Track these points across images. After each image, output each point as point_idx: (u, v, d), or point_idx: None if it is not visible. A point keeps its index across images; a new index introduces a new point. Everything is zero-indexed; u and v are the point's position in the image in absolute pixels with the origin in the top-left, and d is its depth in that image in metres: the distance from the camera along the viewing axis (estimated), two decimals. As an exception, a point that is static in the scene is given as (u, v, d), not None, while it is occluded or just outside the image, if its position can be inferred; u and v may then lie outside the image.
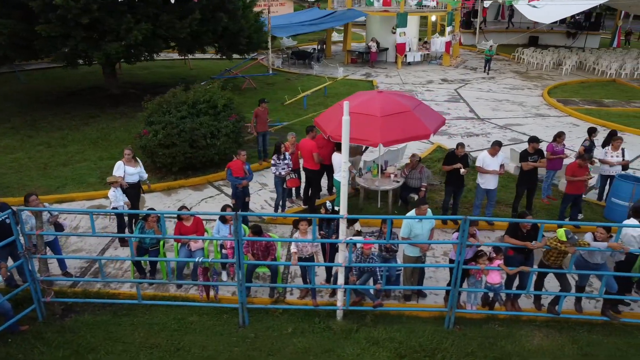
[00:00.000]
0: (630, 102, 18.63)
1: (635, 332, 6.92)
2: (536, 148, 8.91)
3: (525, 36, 33.94)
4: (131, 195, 8.77)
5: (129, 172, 8.78)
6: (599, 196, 10.52)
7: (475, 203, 9.25)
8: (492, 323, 7.08)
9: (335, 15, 24.61)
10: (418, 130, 8.39)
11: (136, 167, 8.92)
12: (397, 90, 20.02)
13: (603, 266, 6.82)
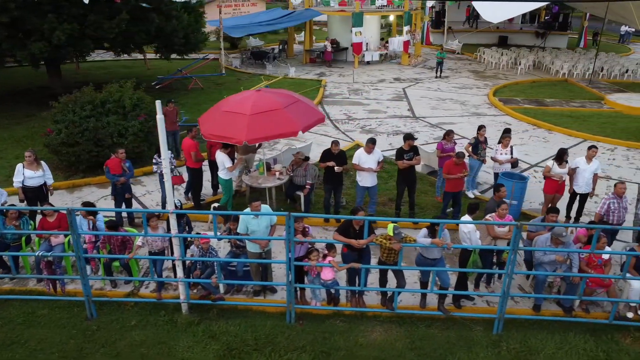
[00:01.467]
0: (569, 102, 18.69)
1: (473, 325, 7.02)
2: (411, 145, 9.00)
3: (495, 36, 34.06)
4: (29, 199, 8.73)
5: (28, 175, 8.64)
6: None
7: (357, 201, 9.36)
8: (335, 319, 7.19)
9: (293, 15, 24.74)
10: (286, 127, 8.51)
11: (37, 171, 8.74)
12: (347, 88, 20.19)
13: (440, 261, 6.93)
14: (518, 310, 7.30)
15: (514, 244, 6.30)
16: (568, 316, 7.11)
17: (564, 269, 7.03)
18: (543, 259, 7.06)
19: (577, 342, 6.68)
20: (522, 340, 6.73)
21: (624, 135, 14.81)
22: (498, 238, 7.22)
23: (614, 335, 6.83)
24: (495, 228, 7.14)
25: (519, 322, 7.09)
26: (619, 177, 11.90)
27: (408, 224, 9.06)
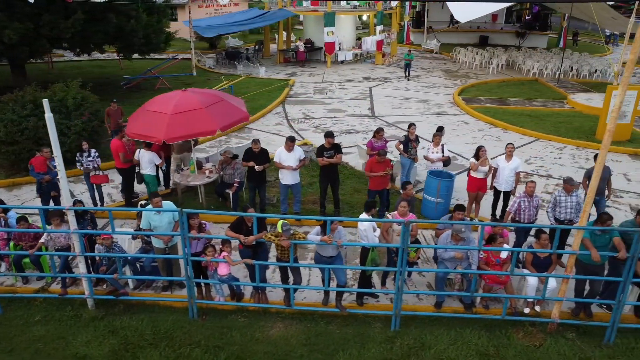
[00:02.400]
0: (532, 101, 18.74)
1: (372, 322, 7.10)
2: (332, 143, 9.08)
3: (476, 36, 34.11)
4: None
5: None
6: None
7: (280, 198, 9.45)
8: (238, 314, 7.27)
9: (266, 15, 24.83)
10: (204, 126, 8.62)
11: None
12: (313, 88, 20.27)
13: (337, 259, 7.01)
14: (418, 307, 7.37)
15: (403, 242, 6.39)
16: (468, 313, 7.19)
17: (464, 266, 7.11)
18: (443, 256, 7.13)
19: (471, 338, 6.76)
20: (417, 337, 6.80)
21: (575, 134, 14.85)
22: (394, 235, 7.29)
23: (508, 330, 6.91)
24: (390, 226, 7.23)
25: (420, 319, 7.16)
26: (559, 176, 11.96)
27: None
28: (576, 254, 6.53)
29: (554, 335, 6.83)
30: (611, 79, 21.33)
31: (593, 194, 6.27)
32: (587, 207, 6.32)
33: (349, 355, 6.51)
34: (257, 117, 16.20)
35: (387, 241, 7.12)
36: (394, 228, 7.20)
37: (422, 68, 25.16)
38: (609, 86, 14.33)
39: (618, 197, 11.02)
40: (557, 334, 6.86)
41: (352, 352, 6.55)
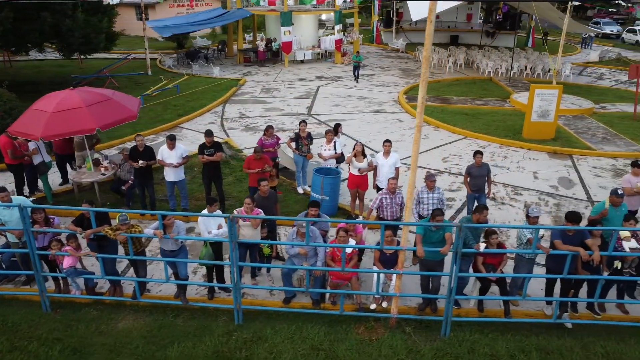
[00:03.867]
0: (475, 100, 18.79)
1: (220, 315, 7.19)
2: (212, 142, 9.20)
3: (447, 35, 34.14)
4: None
5: None
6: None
7: (167, 195, 9.59)
8: (93, 307, 7.39)
9: (225, 15, 24.96)
10: (83, 125, 8.76)
11: None
12: (261, 87, 20.41)
13: (180, 253, 7.14)
14: (266, 302, 7.48)
15: (231, 236, 6.50)
16: (316, 308, 7.28)
17: (311, 263, 7.21)
18: (289, 252, 7.24)
19: (310, 333, 6.84)
20: (257, 331, 6.91)
21: (503, 133, 14.91)
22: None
23: (350, 325, 7.01)
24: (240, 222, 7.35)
25: (268, 314, 7.28)
26: (469, 174, 12.04)
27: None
28: (404, 250, 6.62)
29: (394, 330, 6.92)
30: (550, 77, 21.42)
31: (412, 189, 6.35)
32: (409, 202, 6.41)
33: (183, 347, 6.62)
34: (192, 116, 16.33)
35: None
36: (240, 223, 7.32)
37: (381, 67, 25.26)
38: (532, 85, 14.37)
39: (517, 194, 11.09)
40: (398, 328, 6.96)
41: (187, 345, 6.66)
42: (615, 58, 28.00)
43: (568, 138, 14.66)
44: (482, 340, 6.75)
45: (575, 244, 6.55)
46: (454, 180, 11.74)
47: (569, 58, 29.45)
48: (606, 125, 15.82)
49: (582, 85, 21.85)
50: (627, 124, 16.07)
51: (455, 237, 6.30)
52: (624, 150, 13.66)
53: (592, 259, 6.36)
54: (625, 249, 6.77)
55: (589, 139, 14.57)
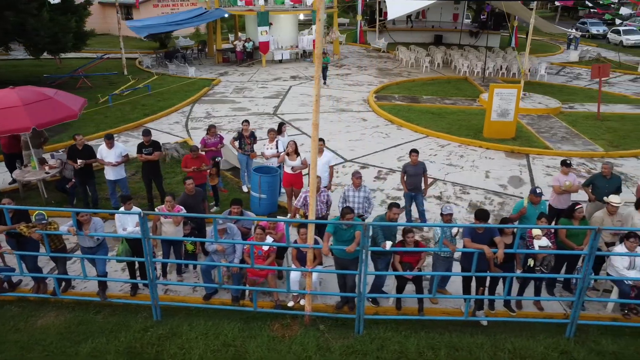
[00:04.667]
0: (444, 99, 18.82)
1: (141, 311, 7.24)
2: (150, 141, 9.27)
3: (431, 35, 34.17)
4: None
5: None
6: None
7: (109, 193, 9.67)
8: (15, 305, 7.43)
9: (203, 15, 25.04)
10: (18, 123, 8.83)
11: None
12: (234, 87, 20.49)
13: (99, 250, 7.22)
14: (187, 298, 7.53)
15: (143, 233, 6.56)
16: (235, 305, 7.34)
17: (229, 260, 7.26)
18: (209, 249, 7.30)
19: (224, 329, 6.90)
20: (173, 327, 6.97)
21: (465, 132, 14.94)
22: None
23: (266, 322, 7.06)
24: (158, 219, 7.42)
25: (188, 310, 7.33)
26: (420, 173, 12.09)
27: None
28: (310, 247, 6.67)
29: (308, 328, 6.97)
30: (518, 76, 21.45)
31: (314, 187, 6.41)
32: (312, 199, 6.46)
33: (96, 343, 6.69)
34: (158, 116, 16.40)
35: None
36: (161, 220, 7.39)
37: (359, 66, 25.32)
38: (491, 84, 14.40)
39: (465, 193, 11.13)
40: (313, 326, 7.01)
41: (101, 341, 6.72)
42: (595, 58, 27.97)
43: (528, 137, 14.68)
44: (394, 337, 6.80)
45: (485, 241, 6.59)
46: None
47: (551, 58, 29.48)
48: (569, 125, 15.83)
49: (555, 85, 21.85)
50: (590, 123, 16.08)
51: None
52: (581, 150, 13.68)
53: (497, 256, 6.40)
54: (535, 247, 6.81)
55: (548, 138, 14.59)
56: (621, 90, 21.11)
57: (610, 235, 7.40)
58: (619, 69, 25.88)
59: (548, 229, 7.00)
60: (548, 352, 6.57)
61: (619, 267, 7.06)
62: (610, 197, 7.40)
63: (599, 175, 8.75)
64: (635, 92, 20.85)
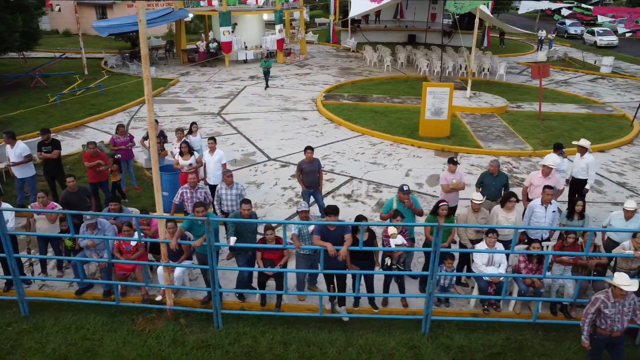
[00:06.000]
0: (394, 98, 18.88)
1: (45, 307, 7.38)
2: (48, 139, 9.40)
3: (405, 35, 34.19)
4: None
5: None
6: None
7: (17, 189, 9.78)
8: None
9: (167, 15, 25.14)
10: None
11: None
12: (189, 88, 20.62)
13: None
14: (62, 293, 7.63)
15: (1, 229, 6.69)
16: (106, 299, 7.45)
17: (101, 255, 7.39)
18: (81, 244, 7.43)
19: (88, 323, 7.00)
20: (39, 322, 7.05)
21: (401, 130, 15.03)
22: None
23: (132, 316, 7.16)
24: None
25: (60, 305, 7.42)
26: (341, 171, 12.18)
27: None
28: (161, 242, 6.79)
29: (171, 322, 7.08)
30: (458, 74, 21.50)
31: (158, 185, 6.52)
32: (157, 195, 6.56)
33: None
34: (103, 115, 16.52)
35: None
36: (35, 217, 7.52)
37: (322, 66, 25.41)
38: (424, 83, 14.47)
39: (377, 191, 11.21)
40: (176, 320, 7.12)
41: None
42: (561, 58, 27.97)
43: (463, 136, 14.74)
44: (251, 332, 6.91)
45: (337, 239, 6.66)
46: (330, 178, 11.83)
47: (520, 57, 29.50)
48: (509, 124, 15.88)
49: (513, 84, 21.88)
50: (530, 122, 16.12)
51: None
52: (510, 149, 13.74)
53: (339, 253, 6.46)
54: (391, 245, 6.90)
55: (483, 137, 14.65)
56: (576, 91, 21.13)
57: (474, 233, 7.47)
58: (582, 69, 25.91)
59: (403, 227, 7.09)
60: (398, 348, 6.66)
61: (478, 264, 7.15)
62: (473, 195, 7.48)
63: (487, 173, 8.84)
64: (588, 92, 20.88)
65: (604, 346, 5.52)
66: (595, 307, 5.31)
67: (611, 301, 5.23)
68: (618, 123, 16.33)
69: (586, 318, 5.42)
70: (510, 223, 7.42)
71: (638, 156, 13.59)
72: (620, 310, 5.25)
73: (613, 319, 5.27)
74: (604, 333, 5.39)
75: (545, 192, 7.62)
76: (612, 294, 5.22)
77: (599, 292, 5.40)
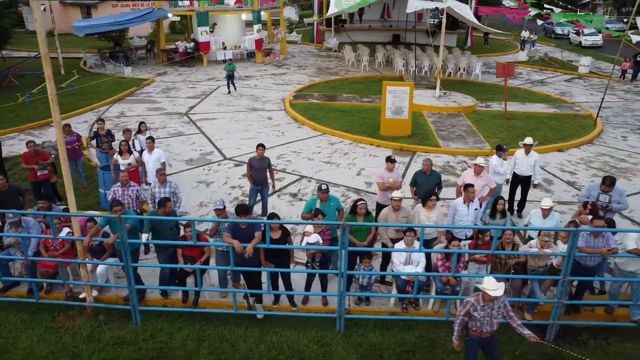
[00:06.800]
0: (363, 97, 18.91)
1: None
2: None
3: (390, 34, 34.20)
4: None
5: None
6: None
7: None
8: None
9: (145, 15, 25.23)
10: None
11: None
12: (163, 88, 20.71)
13: None
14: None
15: None
16: (30, 297, 7.52)
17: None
18: (5, 242, 7.50)
19: (7, 321, 7.08)
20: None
21: (362, 129, 15.07)
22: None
23: (53, 313, 7.23)
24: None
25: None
26: (293, 170, 12.24)
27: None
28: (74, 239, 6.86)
29: (90, 319, 7.15)
30: (434, 73, 21.53)
31: (69, 183, 6.59)
32: (69, 193, 6.63)
33: None
34: (70, 115, 16.58)
35: None
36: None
37: (300, 65, 25.47)
38: (384, 82, 14.50)
39: (325, 190, 11.24)
40: (95, 317, 7.18)
41: None
42: (541, 58, 27.97)
43: (425, 135, 14.78)
44: (167, 329, 6.97)
45: (248, 236, 6.70)
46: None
47: (503, 57, 29.49)
48: (473, 124, 15.92)
49: (487, 84, 21.87)
50: (494, 122, 16.16)
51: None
52: (468, 148, 13.77)
53: (246, 251, 6.50)
54: (304, 243, 6.94)
55: (444, 136, 14.69)
56: (551, 91, 21.13)
57: (394, 232, 7.51)
58: (561, 68, 25.90)
59: (325, 226, 7.14)
60: (309, 345, 6.71)
61: (395, 263, 7.19)
62: (392, 193, 7.52)
63: (420, 172, 8.88)
64: (562, 92, 20.89)
65: (476, 346, 5.59)
66: (465, 309, 5.37)
67: (480, 304, 5.29)
68: (582, 123, 16.35)
69: (457, 320, 5.49)
70: (431, 222, 7.46)
71: (595, 156, 13.62)
72: (489, 314, 5.31)
73: (482, 321, 5.34)
74: (474, 335, 5.47)
75: (467, 190, 7.68)
76: (481, 298, 5.28)
77: (471, 295, 5.47)
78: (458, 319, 5.53)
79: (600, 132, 15.50)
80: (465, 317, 5.48)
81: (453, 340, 5.65)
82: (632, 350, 6.67)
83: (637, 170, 12.60)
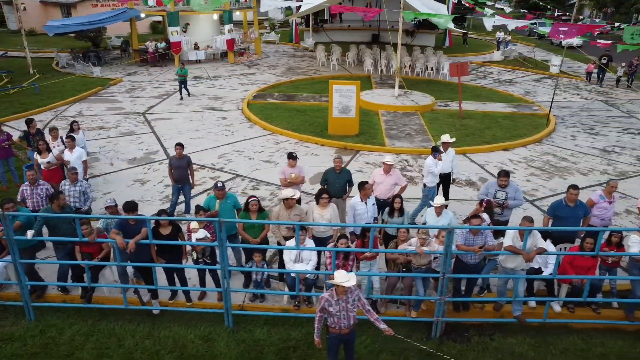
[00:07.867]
0: (322, 97, 18.95)
1: None
2: None
3: (369, 34, 34.25)
4: None
5: None
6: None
7: None
8: None
9: (118, 15, 25.36)
10: None
11: None
12: (128, 87, 20.84)
13: None
14: None
15: None
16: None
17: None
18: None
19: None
20: None
21: (311, 128, 15.16)
22: None
23: None
24: None
25: None
26: (230, 169, 12.33)
27: None
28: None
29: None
30: (393, 72, 21.61)
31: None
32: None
33: None
34: (27, 114, 16.60)
35: None
36: None
37: (270, 65, 25.57)
38: (330, 81, 14.57)
39: (255, 188, 11.33)
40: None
41: None
42: (515, 58, 27.99)
43: (373, 134, 14.85)
44: (60, 324, 7.08)
45: (137, 232, 6.80)
46: (204, 176, 11.94)
47: (479, 57, 29.54)
48: (426, 122, 15.98)
49: (452, 83, 21.79)
50: (448, 121, 16.23)
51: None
52: (413, 147, 13.84)
53: (128, 246, 6.60)
54: (192, 239, 7.04)
55: (392, 135, 14.76)
56: (516, 90, 21.17)
57: (286, 230, 7.58)
58: (534, 68, 25.93)
59: (210, 222, 7.24)
60: (194, 340, 6.80)
61: (285, 260, 7.27)
62: (282, 192, 7.60)
63: (331, 170, 8.95)
64: (526, 92, 20.93)
65: (337, 343, 5.64)
66: (320, 305, 5.43)
67: (335, 299, 5.35)
68: (536, 122, 16.39)
69: (316, 317, 5.56)
70: (325, 220, 7.54)
71: (538, 155, 13.67)
72: (345, 307, 5.36)
73: (338, 316, 5.39)
74: (334, 332, 5.52)
75: (364, 188, 7.77)
76: (335, 292, 5.34)
77: (325, 291, 5.54)
78: (317, 316, 5.61)
79: (551, 131, 15.54)
80: (323, 313, 5.55)
81: (315, 338, 5.72)
82: (510, 346, 6.74)
83: (575, 170, 12.66)
